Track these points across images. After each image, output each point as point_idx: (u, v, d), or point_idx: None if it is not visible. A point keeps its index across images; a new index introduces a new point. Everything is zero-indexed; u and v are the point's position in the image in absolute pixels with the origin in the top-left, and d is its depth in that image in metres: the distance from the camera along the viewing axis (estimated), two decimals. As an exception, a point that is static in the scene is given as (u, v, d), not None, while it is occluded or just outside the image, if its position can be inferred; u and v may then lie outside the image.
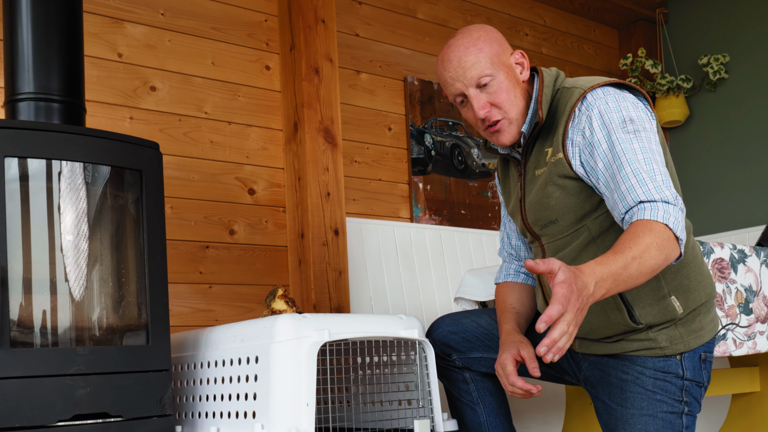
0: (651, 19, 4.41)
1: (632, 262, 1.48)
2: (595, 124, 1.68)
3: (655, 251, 1.51)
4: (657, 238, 1.52)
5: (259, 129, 3.09)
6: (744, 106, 4.08)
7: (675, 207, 1.57)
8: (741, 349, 2.28)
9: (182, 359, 2.13)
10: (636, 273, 1.49)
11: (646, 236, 1.51)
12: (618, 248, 1.50)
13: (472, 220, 3.64)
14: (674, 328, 1.74)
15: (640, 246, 1.50)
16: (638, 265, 1.49)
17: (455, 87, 1.79)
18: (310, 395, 1.73)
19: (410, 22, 3.61)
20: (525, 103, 1.79)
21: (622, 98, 1.70)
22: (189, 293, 2.85)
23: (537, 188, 1.79)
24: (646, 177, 1.60)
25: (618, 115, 1.67)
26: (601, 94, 1.70)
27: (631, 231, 1.54)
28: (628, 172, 1.61)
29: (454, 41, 1.80)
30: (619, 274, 1.47)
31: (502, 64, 1.77)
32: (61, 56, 1.90)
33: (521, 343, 1.80)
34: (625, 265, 1.48)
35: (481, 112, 1.76)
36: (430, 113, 3.56)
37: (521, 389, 1.72)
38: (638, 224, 1.55)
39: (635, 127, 1.65)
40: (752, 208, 4.00)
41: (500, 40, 1.81)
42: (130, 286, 1.90)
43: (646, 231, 1.52)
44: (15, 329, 1.72)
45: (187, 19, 2.97)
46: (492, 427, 2.01)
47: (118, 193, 1.92)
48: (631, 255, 1.49)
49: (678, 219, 1.56)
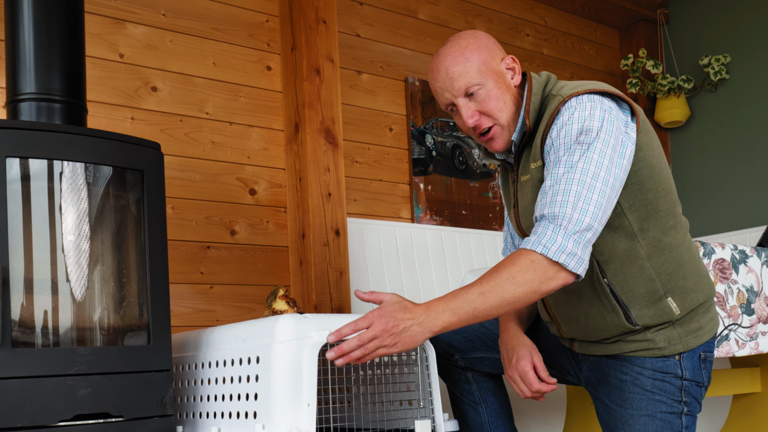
0: (652, 20, 4.41)
1: (478, 297, 1.57)
2: (554, 130, 1.67)
3: (509, 286, 1.56)
4: (514, 272, 1.57)
5: (260, 129, 3.09)
6: (745, 106, 4.08)
7: (558, 228, 1.56)
8: (743, 349, 2.28)
9: (183, 359, 2.13)
10: (483, 307, 1.57)
11: (504, 270, 1.57)
12: (470, 284, 1.59)
13: (473, 221, 3.64)
14: (672, 328, 1.74)
15: (492, 281, 1.57)
16: (484, 300, 1.56)
17: (444, 97, 1.79)
18: (311, 395, 1.73)
19: (411, 22, 3.61)
20: (516, 108, 1.78)
21: (594, 107, 1.65)
22: (190, 293, 2.85)
23: (525, 195, 1.80)
24: (560, 192, 1.59)
25: (578, 126, 1.64)
26: (575, 103, 1.67)
27: (498, 264, 1.61)
28: (548, 179, 1.63)
29: (442, 50, 1.79)
30: (459, 308, 1.57)
31: (491, 72, 1.76)
32: (63, 57, 1.91)
33: (533, 349, 1.83)
34: (467, 300, 1.57)
35: (470, 121, 1.77)
36: (431, 114, 3.56)
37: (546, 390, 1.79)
38: (511, 255, 1.60)
39: (589, 139, 1.62)
40: (753, 209, 3.99)
41: (490, 47, 1.79)
42: (131, 287, 1.91)
43: (507, 264, 1.58)
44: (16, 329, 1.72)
45: (188, 20, 2.97)
46: (494, 427, 2.01)
47: (119, 193, 1.92)
48: (478, 290, 1.57)
49: (556, 241, 1.55)
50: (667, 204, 1.75)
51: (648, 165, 1.72)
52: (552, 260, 1.55)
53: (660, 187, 1.73)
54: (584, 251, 1.57)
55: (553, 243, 1.55)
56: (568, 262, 1.55)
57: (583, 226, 1.56)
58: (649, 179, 1.72)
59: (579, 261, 1.57)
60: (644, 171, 1.71)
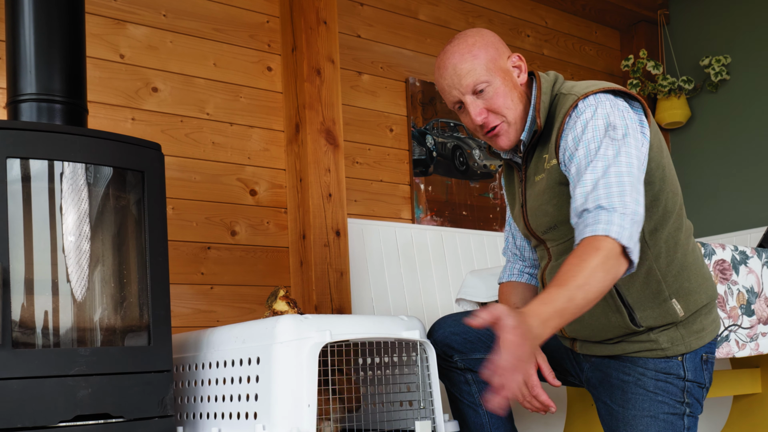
0: (652, 21, 4.41)
1: (577, 292, 1.47)
2: (578, 128, 1.66)
3: (601, 274, 1.48)
4: (602, 258, 1.49)
5: (260, 130, 3.09)
6: (745, 107, 4.08)
7: (623, 216, 1.53)
8: (744, 350, 2.28)
9: (184, 360, 2.13)
10: (583, 302, 1.48)
11: (591, 259, 1.48)
12: (561, 279, 1.48)
13: (474, 221, 3.64)
14: (675, 329, 1.74)
15: (584, 272, 1.47)
16: (584, 294, 1.47)
17: (452, 95, 1.79)
18: (311, 396, 1.73)
19: (412, 23, 3.61)
20: (523, 106, 1.78)
21: (613, 105, 1.67)
22: (190, 294, 2.85)
23: (537, 194, 1.79)
24: (605, 182, 1.57)
25: (603, 122, 1.64)
26: (593, 101, 1.68)
27: (576, 254, 1.51)
28: (591, 173, 1.60)
29: (449, 47, 1.79)
30: (565, 309, 1.46)
31: (498, 69, 1.76)
32: (64, 57, 1.91)
33: (537, 350, 1.79)
34: (569, 297, 1.46)
35: (478, 119, 1.76)
36: (431, 114, 3.56)
37: (543, 403, 1.68)
38: (584, 244, 1.52)
39: (616, 134, 1.62)
40: (753, 210, 3.99)
41: (496, 45, 1.79)
42: (131, 287, 1.91)
43: (591, 252, 1.49)
44: (17, 330, 1.72)
45: (189, 21, 2.97)
46: (494, 428, 2.01)
47: (119, 194, 1.92)
48: (575, 284, 1.46)
49: (625, 228, 1.52)
50: (674, 205, 1.75)
51: (659, 165, 1.72)
52: (623, 246, 1.51)
53: (668, 188, 1.74)
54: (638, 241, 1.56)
55: (624, 230, 1.51)
56: (634, 249, 1.53)
57: (639, 216, 1.55)
58: (660, 180, 1.72)
59: (638, 250, 1.54)
60: (656, 171, 1.71)
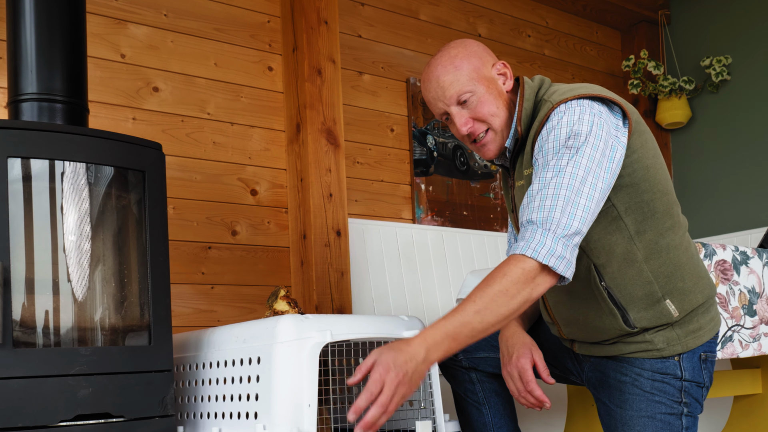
0: (653, 21, 4.41)
1: (474, 317, 1.51)
2: (544, 136, 1.67)
3: (503, 299, 1.52)
4: (508, 284, 1.52)
5: (261, 130, 3.09)
6: (746, 107, 4.08)
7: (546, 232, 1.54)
8: (747, 350, 2.28)
9: (184, 360, 2.13)
10: (481, 326, 1.52)
11: (496, 284, 1.52)
12: (466, 300, 1.53)
13: (474, 222, 3.64)
14: (671, 329, 1.74)
15: (485, 298, 1.52)
16: (482, 318, 1.51)
17: (438, 107, 1.80)
18: (311, 396, 1.73)
19: (413, 23, 3.61)
20: (509, 113, 1.79)
21: (583, 112, 1.65)
22: (191, 294, 2.85)
23: (521, 200, 1.79)
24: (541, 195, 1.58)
25: (566, 131, 1.63)
26: (563, 108, 1.66)
27: (491, 274, 1.55)
28: (536, 183, 1.61)
29: (433, 61, 1.81)
30: (458, 333, 1.51)
31: (482, 78, 1.77)
32: (64, 57, 1.91)
33: (533, 347, 1.82)
34: (464, 323, 1.51)
35: (464, 129, 1.77)
36: (432, 114, 3.56)
37: (538, 399, 1.73)
38: (500, 265, 1.56)
39: (576, 142, 1.61)
40: (754, 210, 3.99)
41: (480, 54, 1.80)
42: (132, 287, 1.91)
43: (498, 278, 1.53)
44: (18, 329, 1.72)
45: (189, 20, 2.97)
46: (497, 428, 2.01)
47: (120, 193, 1.92)
48: (473, 310, 1.51)
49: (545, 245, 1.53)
50: (663, 205, 1.74)
51: (643, 167, 1.71)
52: (542, 264, 1.54)
53: (656, 188, 1.73)
54: (572, 254, 1.57)
55: (542, 247, 1.54)
56: (557, 265, 1.54)
57: (572, 230, 1.56)
58: (644, 181, 1.71)
59: (568, 264, 1.56)
60: (639, 173, 1.71)
